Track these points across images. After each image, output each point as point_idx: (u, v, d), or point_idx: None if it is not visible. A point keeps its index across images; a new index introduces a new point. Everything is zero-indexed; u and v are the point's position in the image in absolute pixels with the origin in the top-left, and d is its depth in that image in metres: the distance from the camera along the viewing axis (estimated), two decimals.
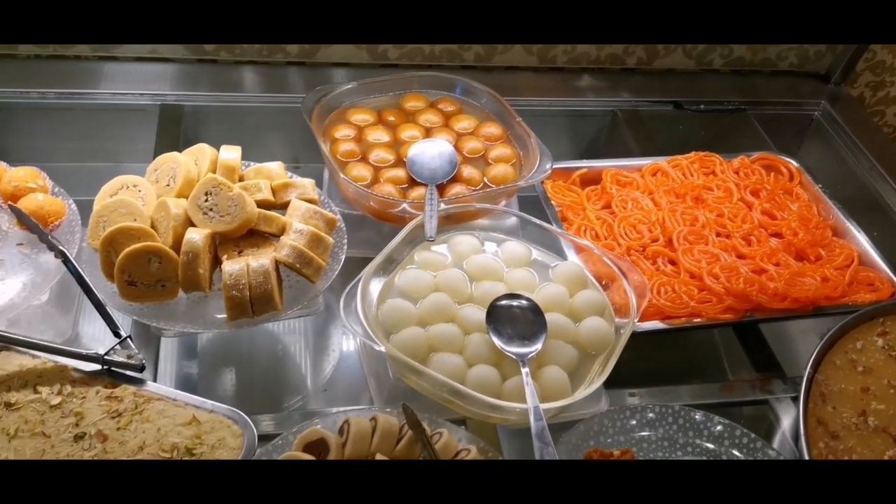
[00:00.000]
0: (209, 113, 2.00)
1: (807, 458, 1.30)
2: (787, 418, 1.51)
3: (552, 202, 1.76)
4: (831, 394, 1.42)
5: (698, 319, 1.54)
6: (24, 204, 1.46)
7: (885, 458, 1.33)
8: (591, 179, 1.87)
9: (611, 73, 2.29)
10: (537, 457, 1.14)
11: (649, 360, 1.63)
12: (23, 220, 1.44)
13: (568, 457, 1.25)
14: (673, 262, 1.66)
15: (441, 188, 1.63)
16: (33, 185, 1.51)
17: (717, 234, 1.72)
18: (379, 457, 1.17)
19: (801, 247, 1.71)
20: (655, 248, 1.67)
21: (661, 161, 1.90)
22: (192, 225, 1.43)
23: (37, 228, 1.42)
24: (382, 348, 1.26)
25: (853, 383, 1.44)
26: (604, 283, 1.51)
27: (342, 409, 1.30)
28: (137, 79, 2.00)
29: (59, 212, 1.49)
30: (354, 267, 1.49)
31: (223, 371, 1.49)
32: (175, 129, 1.92)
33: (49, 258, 1.44)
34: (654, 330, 1.51)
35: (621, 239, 1.69)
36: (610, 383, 1.31)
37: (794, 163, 1.95)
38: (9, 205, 1.46)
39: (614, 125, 2.22)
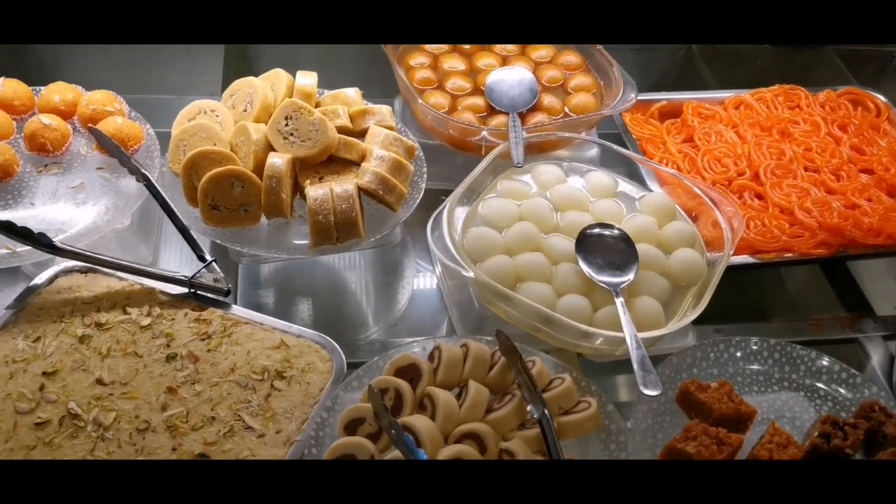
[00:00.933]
0: (273, 47, 1.96)
1: None
2: (877, 357, 1.46)
3: (632, 135, 1.71)
4: None
5: (789, 254, 1.49)
6: (104, 127, 1.44)
7: None
8: (671, 113, 1.80)
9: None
10: (639, 384, 1.11)
11: (733, 297, 1.57)
12: (104, 143, 1.43)
13: (663, 387, 1.21)
14: (760, 197, 1.60)
15: (520, 117, 1.58)
16: (111, 108, 1.49)
17: (806, 169, 1.66)
18: (472, 384, 1.15)
19: (893, 182, 1.64)
20: (742, 182, 1.61)
21: (744, 94, 1.83)
22: (273, 150, 1.40)
23: (118, 151, 1.41)
24: (471, 274, 1.23)
25: None
26: (692, 215, 1.45)
27: (429, 337, 1.27)
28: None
29: (137, 136, 1.47)
30: (430, 199, 1.46)
31: (299, 300, 1.48)
32: (241, 64, 1.88)
33: (129, 183, 1.43)
34: (744, 264, 1.46)
35: (705, 172, 1.63)
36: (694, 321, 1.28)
37: (881, 98, 1.86)
38: (90, 127, 1.44)
39: (688, 60, 2.13)
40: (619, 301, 1.24)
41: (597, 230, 1.33)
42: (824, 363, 1.28)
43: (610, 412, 1.18)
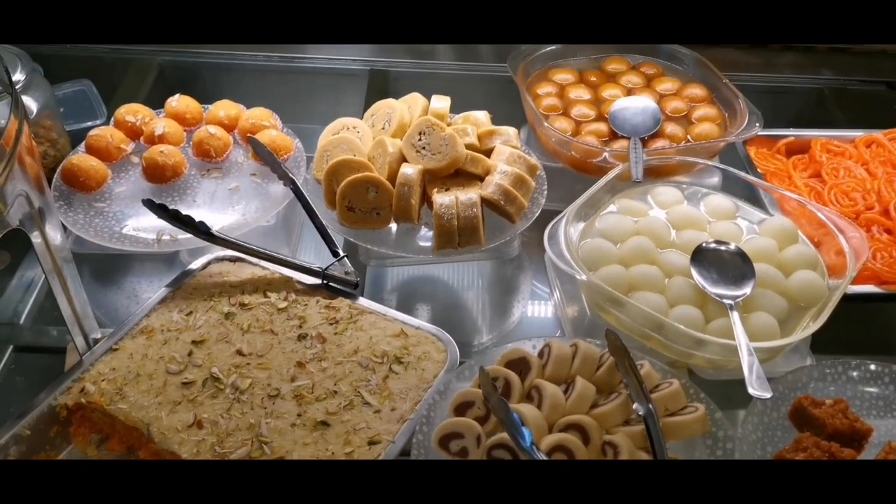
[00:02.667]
0: (411, 77, 2.12)
1: None
2: None
3: (756, 168, 1.71)
4: None
5: None
6: (260, 137, 1.62)
7: None
8: (798, 149, 1.80)
9: (817, 51, 2.19)
10: (748, 385, 1.11)
11: (858, 329, 1.54)
12: (259, 151, 1.59)
13: (776, 403, 1.21)
14: (889, 232, 1.56)
15: (642, 142, 1.63)
16: (267, 122, 1.67)
17: None
18: (579, 380, 1.19)
19: None
20: (870, 216, 1.58)
21: (877, 133, 1.79)
22: (406, 161, 1.52)
23: (271, 158, 1.57)
24: (584, 277, 1.28)
25: None
26: (815, 242, 1.44)
27: (541, 337, 1.32)
28: (349, 46, 2.15)
29: (288, 147, 1.64)
30: (549, 219, 1.52)
31: (420, 301, 1.57)
32: (382, 94, 2.04)
33: (277, 188, 1.59)
34: (869, 294, 1.43)
35: (832, 205, 1.61)
36: (813, 347, 1.28)
37: None
38: (249, 136, 1.62)
39: (819, 102, 2.11)
40: (733, 313, 1.25)
41: (713, 245, 1.35)
42: None
43: (718, 419, 1.18)
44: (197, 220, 1.41)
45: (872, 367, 1.27)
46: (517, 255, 1.64)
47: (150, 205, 1.41)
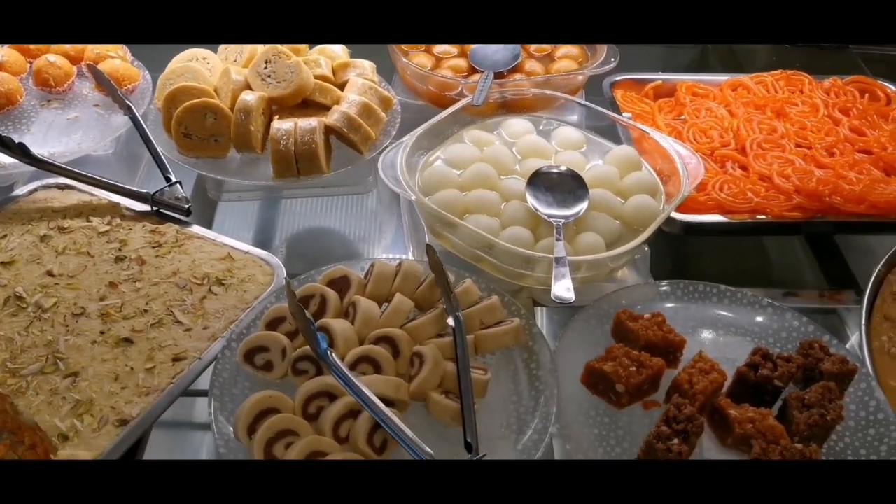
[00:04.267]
0: None
1: (866, 349, 1.18)
2: (852, 321, 1.38)
3: (620, 110, 1.70)
4: None
5: (762, 217, 1.44)
6: (102, 67, 1.55)
7: None
8: (666, 93, 1.79)
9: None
10: (553, 295, 1.09)
11: (715, 264, 1.54)
12: (99, 79, 1.53)
13: (600, 320, 1.19)
14: (744, 168, 1.56)
15: (502, 78, 1.61)
16: (113, 53, 1.60)
17: (797, 146, 1.61)
18: (397, 295, 1.15)
19: (889, 161, 1.57)
20: (725, 152, 1.57)
21: (744, 77, 1.80)
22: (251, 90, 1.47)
23: (109, 85, 1.51)
24: (413, 197, 1.25)
25: None
26: (664, 178, 1.43)
27: (369, 259, 1.29)
28: None
29: (133, 77, 1.58)
30: None
31: (269, 234, 1.52)
32: None
33: (120, 119, 1.52)
34: (712, 222, 1.42)
35: (690, 143, 1.60)
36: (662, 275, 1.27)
37: (891, 87, 1.79)
38: (87, 64, 1.56)
39: (703, 56, 2.12)
40: (556, 226, 1.23)
41: (548, 169, 1.33)
42: (776, 310, 1.22)
43: (535, 334, 1.16)
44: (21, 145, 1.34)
45: (701, 287, 1.26)
46: (377, 194, 1.60)
47: None
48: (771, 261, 1.57)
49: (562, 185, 1.32)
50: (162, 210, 1.36)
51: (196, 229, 1.34)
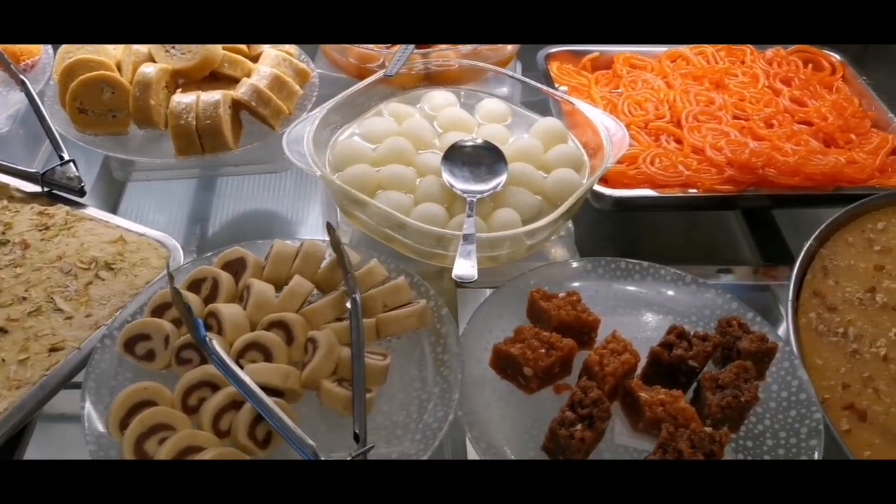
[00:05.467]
0: None
1: (791, 323, 1.13)
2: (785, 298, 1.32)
3: (555, 83, 1.63)
4: (836, 269, 1.24)
5: (694, 191, 1.37)
6: None
7: (891, 335, 1.14)
8: (603, 65, 1.72)
9: None
10: (454, 273, 1.02)
11: (649, 241, 1.48)
12: None
13: (512, 297, 1.12)
14: (679, 141, 1.49)
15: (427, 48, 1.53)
16: None
17: (735, 118, 1.55)
18: (295, 278, 1.08)
19: (829, 131, 1.51)
20: (659, 125, 1.51)
21: (684, 48, 1.73)
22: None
23: (2, 58, 1.41)
24: (318, 173, 1.17)
25: (866, 261, 1.25)
26: (591, 151, 1.36)
27: (270, 240, 1.21)
28: None
29: (31, 52, 1.48)
30: None
31: (179, 217, 1.44)
32: None
33: (17, 97, 1.43)
34: (643, 197, 1.36)
35: (623, 116, 1.53)
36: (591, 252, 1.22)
37: (836, 56, 1.74)
38: None
39: None
40: (469, 202, 1.16)
41: (463, 143, 1.26)
42: (699, 286, 1.16)
43: (444, 316, 1.08)
44: None
45: (623, 264, 1.20)
46: (300, 172, 1.51)
47: None
48: (706, 237, 1.51)
49: (479, 160, 1.25)
50: (54, 191, 1.27)
51: (90, 211, 1.25)
